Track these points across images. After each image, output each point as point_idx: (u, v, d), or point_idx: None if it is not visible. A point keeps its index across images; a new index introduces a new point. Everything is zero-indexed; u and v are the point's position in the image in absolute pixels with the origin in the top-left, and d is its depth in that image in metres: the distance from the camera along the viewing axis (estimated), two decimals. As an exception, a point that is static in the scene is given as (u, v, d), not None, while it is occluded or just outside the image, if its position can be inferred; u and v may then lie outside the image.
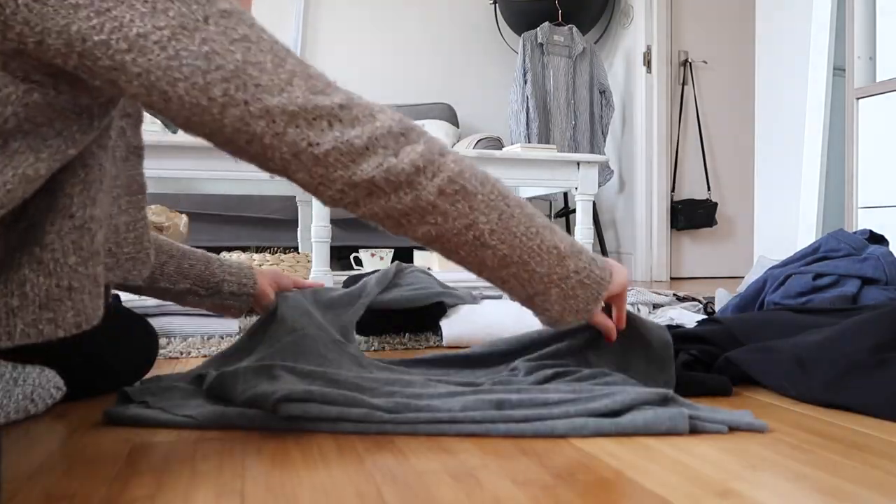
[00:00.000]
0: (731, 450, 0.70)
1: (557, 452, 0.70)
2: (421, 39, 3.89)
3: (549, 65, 3.43)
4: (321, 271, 1.81)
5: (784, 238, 2.69)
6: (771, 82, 2.77)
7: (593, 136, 3.50)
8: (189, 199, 2.79)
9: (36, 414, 0.85)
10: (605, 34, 3.96)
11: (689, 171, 3.81)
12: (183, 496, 0.58)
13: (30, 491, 0.59)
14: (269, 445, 0.72)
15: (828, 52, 2.44)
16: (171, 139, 1.69)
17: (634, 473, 0.63)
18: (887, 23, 2.04)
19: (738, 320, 1.07)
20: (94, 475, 0.63)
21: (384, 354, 1.32)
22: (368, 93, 2.84)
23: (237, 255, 1.89)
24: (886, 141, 2.00)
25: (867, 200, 2.05)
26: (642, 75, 3.63)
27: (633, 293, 1.55)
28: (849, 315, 1.04)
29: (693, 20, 3.79)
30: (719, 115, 3.86)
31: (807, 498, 0.57)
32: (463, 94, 3.95)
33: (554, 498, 0.57)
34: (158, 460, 0.67)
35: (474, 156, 1.89)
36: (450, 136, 3.44)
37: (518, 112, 3.37)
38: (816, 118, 2.48)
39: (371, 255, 2.22)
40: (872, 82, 2.12)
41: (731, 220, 3.89)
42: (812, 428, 0.79)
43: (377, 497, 0.57)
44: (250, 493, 0.58)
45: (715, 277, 3.84)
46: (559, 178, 1.97)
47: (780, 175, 2.72)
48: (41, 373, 0.86)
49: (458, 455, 0.69)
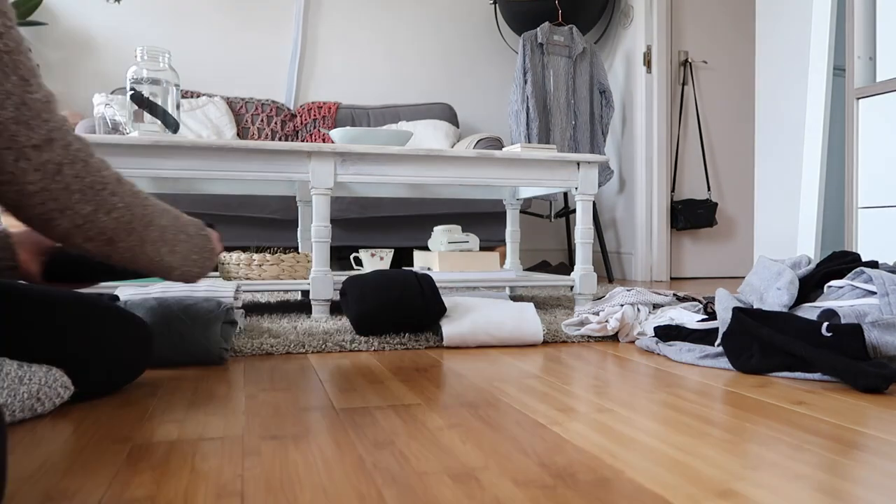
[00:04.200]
0: (731, 450, 0.70)
1: (557, 452, 0.70)
2: (421, 39, 3.89)
3: (549, 65, 3.43)
4: (321, 271, 1.81)
5: (784, 238, 2.69)
6: (771, 82, 2.77)
7: (593, 136, 3.50)
8: (189, 199, 2.79)
9: (43, 413, 0.85)
10: (605, 34, 3.96)
11: (689, 171, 3.81)
12: (183, 496, 0.58)
13: (30, 491, 0.59)
14: (269, 445, 0.72)
15: (828, 52, 2.45)
16: (171, 139, 1.69)
17: (634, 473, 0.63)
18: (887, 23, 2.04)
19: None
20: (94, 475, 0.63)
21: (384, 354, 1.32)
22: (368, 93, 2.83)
23: (237, 254, 1.89)
24: (886, 141, 2.00)
25: (867, 200, 2.05)
26: (642, 75, 3.63)
27: (633, 293, 1.55)
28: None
29: (693, 20, 3.79)
30: (719, 115, 3.86)
31: (807, 498, 0.57)
32: (463, 94, 3.95)
33: (554, 498, 0.57)
34: (158, 460, 0.67)
35: (474, 156, 1.89)
36: (450, 136, 3.44)
37: (518, 112, 3.37)
38: (816, 118, 2.48)
39: (371, 255, 2.22)
40: (872, 82, 2.12)
41: (731, 220, 3.89)
42: (812, 428, 0.79)
43: (377, 497, 0.57)
44: (250, 493, 0.58)
45: (715, 277, 3.84)
46: (559, 178, 1.97)
47: (780, 175, 2.72)
48: (48, 372, 0.86)
49: (458, 455, 0.69)
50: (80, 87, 3.40)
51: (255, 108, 3.41)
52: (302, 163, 1.79)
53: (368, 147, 1.82)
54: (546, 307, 2.04)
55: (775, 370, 1.11)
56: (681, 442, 0.73)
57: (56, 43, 3.37)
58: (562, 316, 1.81)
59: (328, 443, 0.73)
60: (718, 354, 1.21)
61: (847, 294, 1.22)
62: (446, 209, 3.07)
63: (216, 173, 1.74)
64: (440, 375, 1.11)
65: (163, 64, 1.80)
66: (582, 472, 0.64)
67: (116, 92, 3.21)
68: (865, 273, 1.21)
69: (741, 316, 1.14)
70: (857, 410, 0.88)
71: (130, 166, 1.69)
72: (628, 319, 1.48)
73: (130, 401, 0.93)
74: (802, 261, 1.38)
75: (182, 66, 3.54)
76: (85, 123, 2.87)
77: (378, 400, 0.94)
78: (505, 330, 1.42)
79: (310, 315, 1.85)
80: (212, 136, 3.18)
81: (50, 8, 3.35)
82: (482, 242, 3.11)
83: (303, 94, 3.71)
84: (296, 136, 3.48)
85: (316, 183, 1.79)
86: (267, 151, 1.76)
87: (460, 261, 2.08)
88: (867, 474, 0.63)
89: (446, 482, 0.61)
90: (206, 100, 3.27)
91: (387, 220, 3.05)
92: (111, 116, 2.67)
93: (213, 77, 3.58)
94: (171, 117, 1.80)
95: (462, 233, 2.23)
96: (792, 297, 1.26)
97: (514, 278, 2.03)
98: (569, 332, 1.53)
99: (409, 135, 2.03)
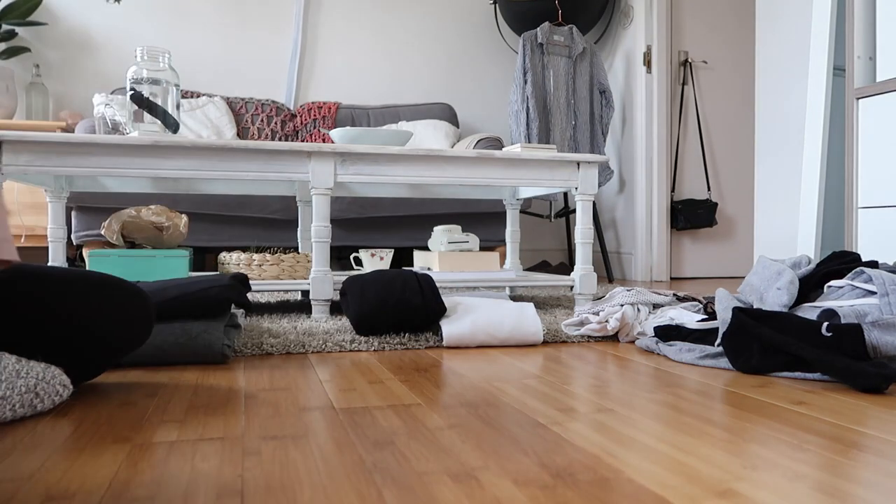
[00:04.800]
0: (731, 450, 0.70)
1: (557, 452, 0.70)
2: (421, 39, 3.89)
3: (549, 65, 3.43)
4: (321, 271, 1.81)
5: (784, 238, 2.69)
6: (771, 82, 2.77)
7: (593, 136, 3.50)
8: (189, 199, 2.79)
9: (42, 410, 0.85)
10: (605, 34, 3.96)
11: (689, 171, 3.81)
12: (183, 496, 0.58)
13: (30, 491, 0.59)
14: (269, 445, 0.72)
15: (828, 52, 2.45)
16: (171, 139, 1.69)
17: (634, 473, 0.63)
18: (887, 23, 2.04)
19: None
20: (94, 475, 0.63)
21: (384, 354, 1.32)
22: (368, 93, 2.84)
23: (237, 254, 1.89)
24: (886, 141, 2.00)
25: (867, 200, 2.05)
26: (642, 75, 3.63)
27: (633, 293, 1.55)
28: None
29: (693, 20, 3.79)
30: (719, 115, 3.86)
31: (807, 498, 0.57)
32: (463, 94, 3.95)
33: (554, 498, 0.57)
34: (158, 460, 0.67)
35: (474, 156, 1.89)
36: (450, 136, 3.44)
37: (518, 112, 3.37)
38: (816, 118, 2.48)
39: (371, 255, 2.22)
40: (872, 82, 2.12)
41: (731, 220, 3.89)
42: (812, 428, 0.79)
43: (377, 497, 0.57)
44: (250, 493, 0.58)
45: (715, 277, 3.84)
46: (559, 178, 1.97)
47: (780, 175, 2.72)
48: (46, 368, 0.87)
49: (457, 455, 0.69)
50: (80, 87, 3.40)
51: (255, 108, 3.41)
52: (302, 163, 1.79)
53: (368, 147, 1.82)
54: (546, 307, 2.04)
55: (775, 370, 1.11)
56: (681, 442, 0.73)
57: (56, 43, 3.37)
58: (562, 316, 1.81)
59: (328, 443, 0.73)
60: (718, 354, 1.21)
61: (847, 294, 1.22)
62: (446, 209, 3.07)
63: (216, 173, 1.74)
64: (440, 375, 1.11)
65: (163, 64, 1.80)
66: (582, 472, 0.64)
67: (116, 92, 3.20)
68: (865, 273, 1.21)
69: (741, 316, 1.14)
70: (857, 410, 0.88)
71: (130, 166, 1.69)
72: (628, 319, 1.48)
73: (130, 401, 0.93)
74: (802, 261, 1.38)
75: (182, 66, 3.54)
76: (85, 123, 2.87)
77: (378, 400, 0.94)
78: (505, 330, 1.42)
79: (310, 315, 1.85)
80: (212, 136, 3.18)
81: (50, 8, 3.35)
82: (482, 242, 3.11)
83: (303, 94, 3.71)
84: (296, 136, 3.48)
85: (316, 183, 1.79)
86: (267, 151, 1.76)
87: (460, 261, 2.09)
88: (867, 474, 0.63)
89: (446, 482, 0.61)
90: (206, 100, 3.27)
91: (387, 220, 3.05)
92: (111, 116, 2.67)
93: (213, 77, 3.58)
94: (171, 117, 1.80)
95: (462, 233, 2.23)
96: (792, 297, 1.26)
97: (514, 278, 2.03)
98: (569, 332, 1.53)
99: (409, 135, 2.03)
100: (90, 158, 1.67)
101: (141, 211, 1.83)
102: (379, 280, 1.50)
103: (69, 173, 1.67)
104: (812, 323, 1.08)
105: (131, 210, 1.82)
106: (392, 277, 1.50)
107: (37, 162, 1.65)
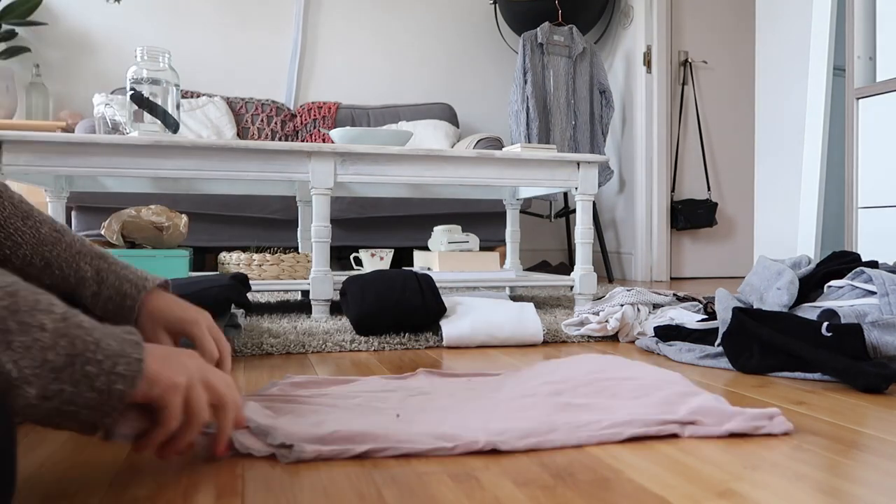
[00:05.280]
0: (731, 450, 0.70)
1: (558, 452, 0.70)
2: (421, 39, 3.89)
3: (549, 65, 3.43)
4: (321, 271, 1.81)
5: (784, 238, 2.69)
6: (771, 82, 2.77)
7: (593, 136, 3.50)
8: (189, 199, 2.79)
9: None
10: (605, 34, 3.96)
11: (689, 171, 3.81)
12: (183, 496, 0.58)
13: (30, 491, 0.59)
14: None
15: (828, 52, 2.44)
16: (171, 139, 1.69)
17: (634, 473, 0.63)
18: (887, 23, 2.04)
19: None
20: (94, 475, 0.63)
21: (384, 354, 1.32)
22: (368, 93, 2.83)
23: (237, 254, 1.89)
24: (886, 141, 2.00)
25: (867, 200, 2.05)
26: (642, 75, 3.63)
27: (633, 293, 1.55)
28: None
29: (693, 20, 3.79)
30: (719, 115, 3.86)
31: (807, 498, 0.57)
32: (463, 94, 3.95)
33: (554, 498, 0.57)
34: (158, 460, 0.67)
35: (474, 156, 1.89)
36: (450, 136, 3.44)
37: (518, 112, 3.37)
38: (816, 118, 2.48)
39: (371, 255, 2.22)
40: (872, 82, 2.12)
41: (731, 220, 3.89)
42: (812, 428, 0.79)
43: (377, 497, 0.57)
44: (250, 493, 0.58)
45: (715, 277, 3.84)
46: (559, 178, 1.97)
47: (780, 175, 2.72)
48: None
49: (458, 456, 0.69)
50: (80, 87, 3.40)
51: (255, 108, 3.41)
52: (302, 163, 1.79)
53: (368, 147, 1.82)
54: (546, 307, 2.04)
55: (775, 370, 1.11)
56: (681, 442, 0.73)
57: (56, 43, 3.37)
58: (562, 316, 1.81)
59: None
60: (718, 354, 1.21)
61: (847, 294, 1.22)
62: (446, 209, 3.07)
63: (216, 173, 1.74)
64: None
65: (163, 64, 1.80)
66: (582, 472, 0.64)
67: (116, 92, 3.21)
68: (865, 273, 1.21)
69: (741, 316, 1.14)
70: (857, 410, 0.88)
71: (130, 166, 1.69)
72: (628, 319, 1.48)
73: (130, 401, 0.93)
74: (802, 261, 1.38)
75: (182, 66, 3.54)
76: (85, 123, 2.87)
77: (378, 400, 0.94)
78: (505, 330, 1.42)
79: (310, 315, 1.85)
80: (212, 136, 3.18)
81: (50, 8, 3.35)
82: (482, 242, 3.11)
83: (303, 94, 3.71)
84: (296, 136, 3.48)
85: (316, 183, 1.79)
86: (267, 151, 1.76)
87: (460, 261, 2.09)
88: (867, 474, 0.63)
89: (446, 482, 0.61)
90: (206, 100, 3.27)
91: (387, 220, 3.05)
92: (111, 116, 2.67)
93: (213, 77, 3.58)
94: (171, 117, 1.80)
95: (462, 233, 2.23)
96: (792, 297, 1.26)
97: (514, 278, 2.03)
98: (569, 332, 1.54)
99: (409, 135, 2.03)
100: (90, 158, 1.67)
101: (141, 211, 1.83)
102: (379, 280, 1.50)
103: (69, 173, 1.67)
104: (812, 323, 1.08)
105: (131, 210, 1.82)
106: (392, 277, 1.51)
107: (37, 162, 1.65)
